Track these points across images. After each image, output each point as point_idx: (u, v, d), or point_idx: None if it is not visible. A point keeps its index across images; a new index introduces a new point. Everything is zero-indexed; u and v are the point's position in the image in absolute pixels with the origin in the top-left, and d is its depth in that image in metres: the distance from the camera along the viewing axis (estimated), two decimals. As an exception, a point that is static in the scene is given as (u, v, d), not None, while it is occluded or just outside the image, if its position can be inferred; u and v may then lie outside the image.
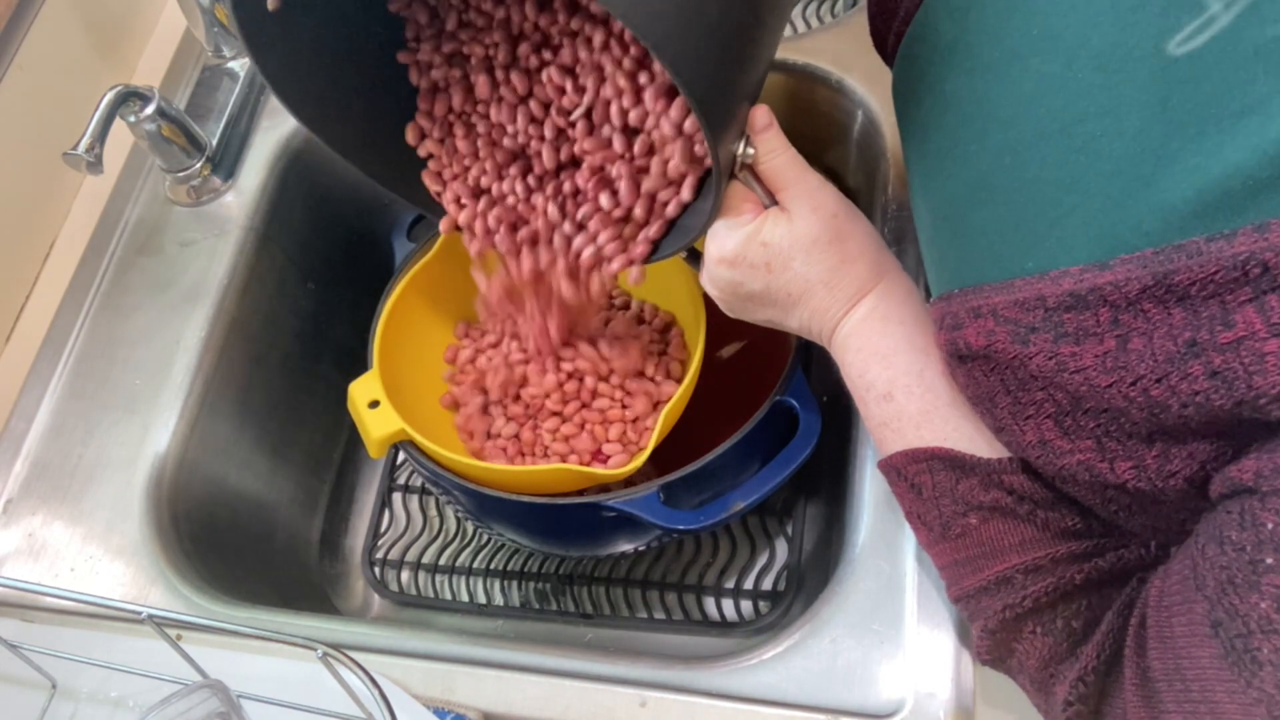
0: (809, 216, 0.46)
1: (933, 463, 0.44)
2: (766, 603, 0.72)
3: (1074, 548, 0.41)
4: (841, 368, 0.49)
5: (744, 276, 0.48)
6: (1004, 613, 0.42)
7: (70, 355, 0.69)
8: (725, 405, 0.68)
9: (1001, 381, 0.39)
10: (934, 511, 0.45)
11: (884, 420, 0.47)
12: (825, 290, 0.47)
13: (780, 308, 0.49)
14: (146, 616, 0.46)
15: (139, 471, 0.64)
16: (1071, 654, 0.40)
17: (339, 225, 0.83)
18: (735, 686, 0.51)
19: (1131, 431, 0.35)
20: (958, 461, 0.44)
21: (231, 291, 0.71)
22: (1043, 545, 0.42)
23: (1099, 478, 0.37)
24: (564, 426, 0.63)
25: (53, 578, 0.61)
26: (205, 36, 0.77)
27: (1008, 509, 0.42)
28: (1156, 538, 0.41)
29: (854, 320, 0.48)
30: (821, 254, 0.47)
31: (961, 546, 0.44)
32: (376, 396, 0.62)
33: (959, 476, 0.44)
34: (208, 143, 0.74)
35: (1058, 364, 0.35)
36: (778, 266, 0.47)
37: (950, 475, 0.44)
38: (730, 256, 0.47)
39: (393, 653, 0.55)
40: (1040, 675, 0.41)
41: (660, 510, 0.58)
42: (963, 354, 0.40)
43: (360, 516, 0.82)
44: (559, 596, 0.75)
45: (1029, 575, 0.41)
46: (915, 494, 0.45)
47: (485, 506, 0.64)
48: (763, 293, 0.48)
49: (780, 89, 0.72)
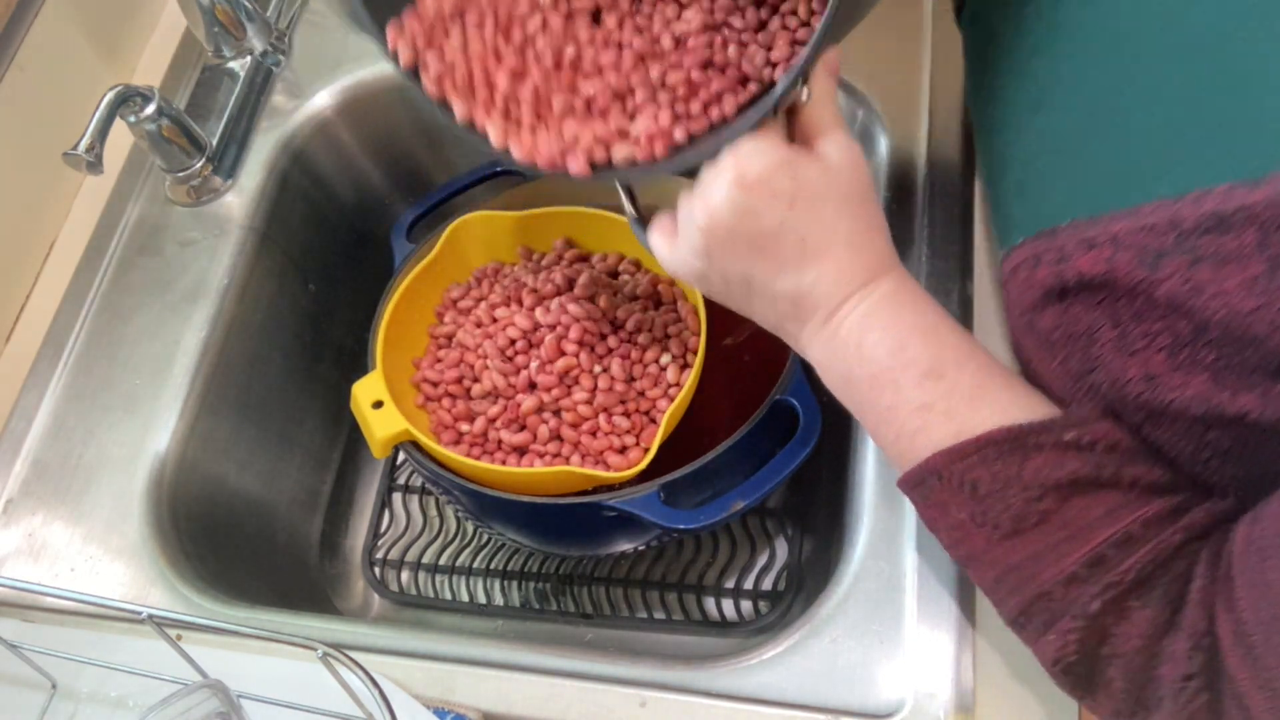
0: (847, 169, 0.42)
1: (986, 451, 0.39)
2: (766, 603, 0.72)
3: (1163, 506, 0.37)
4: (853, 351, 0.43)
5: (762, 205, 0.41)
6: (1104, 594, 0.37)
7: (70, 355, 0.69)
8: (725, 405, 0.68)
9: (1111, 313, 0.36)
10: (1000, 506, 0.39)
11: (927, 403, 0.41)
12: (848, 251, 0.42)
13: (779, 262, 0.42)
14: (146, 616, 0.46)
15: (139, 471, 0.64)
16: (1172, 624, 0.36)
17: (339, 225, 0.83)
18: (735, 686, 0.51)
19: (1258, 364, 0.33)
20: (1021, 438, 0.39)
21: (231, 291, 0.71)
22: (1131, 508, 0.37)
23: (1215, 410, 0.34)
24: (564, 427, 0.63)
25: (53, 578, 0.61)
26: (205, 36, 0.77)
27: (1088, 478, 0.38)
28: (1237, 490, 0.38)
29: (879, 294, 0.43)
30: (854, 210, 0.42)
31: (1038, 537, 0.38)
32: (380, 397, 0.63)
33: (1024, 457, 0.39)
34: (208, 143, 0.74)
35: (1193, 289, 0.33)
36: (803, 204, 0.41)
37: (1013, 459, 0.39)
38: (753, 178, 0.41)
39: (393, 653, 0.55)
40: (1140, 659, 0.37)
41: (660, 510, 0.58)
42: (1066, 287, 0.38)
43: (360, 516, 0.82)
44: (559, 596, 0.75)
45: (1122, 547, 0.37)
46: (970, 493, 0.40)
47: (485, 506, 0.64)
48: (773, 232, 0.41)
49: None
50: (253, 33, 0.78)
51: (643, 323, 0.65)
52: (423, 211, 0.77)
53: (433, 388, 0.66)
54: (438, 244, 0.69)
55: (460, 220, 0.70)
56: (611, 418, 0.63)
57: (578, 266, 0.69)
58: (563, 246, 0.71)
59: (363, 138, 0.81)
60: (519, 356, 0.65)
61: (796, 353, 0.60)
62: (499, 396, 0.65)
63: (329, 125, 0.78)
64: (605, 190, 0.75)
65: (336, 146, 0.80)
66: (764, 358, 0.69)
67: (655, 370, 0.64)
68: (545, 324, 0.64)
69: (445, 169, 0.83)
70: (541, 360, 0.63)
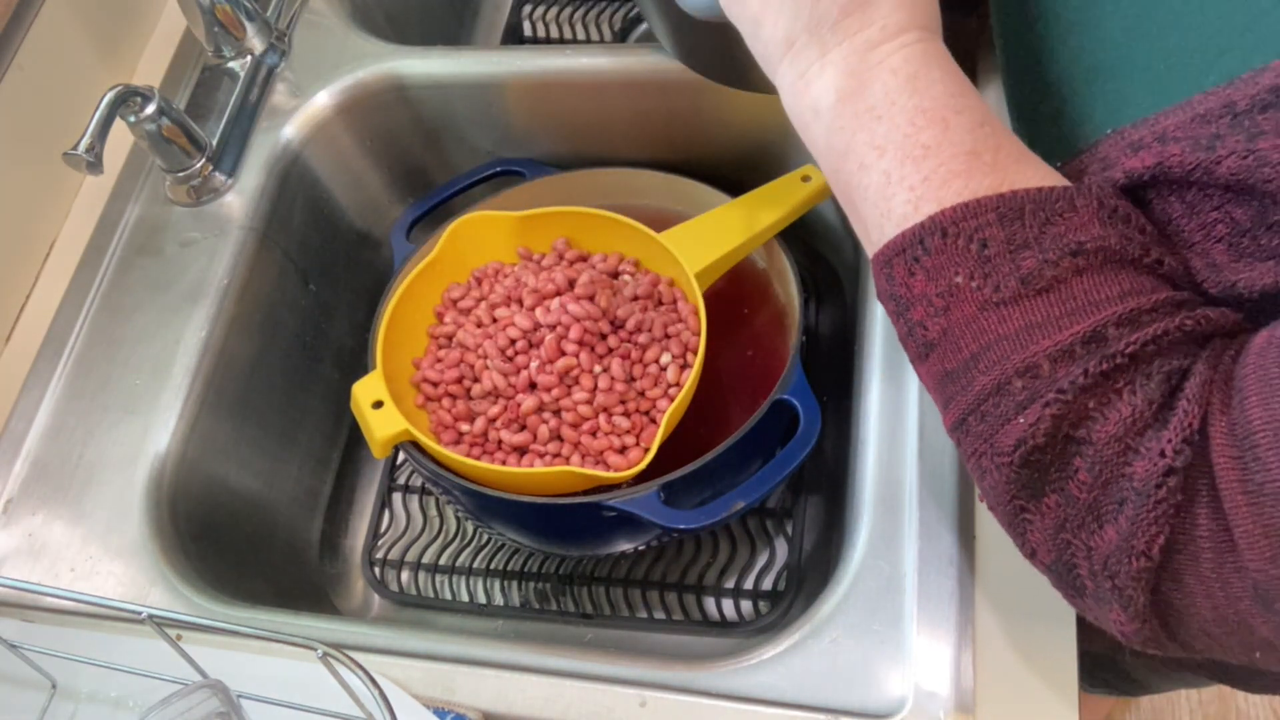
0: None
1: (1006, 208, 0.35)
2: (766, 603, 0.72)
3: (1178, 296, 0.35)
4: (903, 80, 0.38)
5: None
6: (1095, 368, 0.33)
7: (70, 355, 0.69)
8: (725, 405, 0.68)
9: (1163, 210, 0.35)
10: (1007, 268, 0.35)
11: (975, 150, 0.37)
12: None
13: None
14: (146, 616, 0.46)
15: (139, 471, 0.64)
16: (1158, 419, 0.33)
17: (339, 225, 0.83)
18: (735, 686, 0.51)
19: None
20: (1048, 200, 0.35)
21: (231, 291, 0.71)
22: (1146, 293, 0.34)
23: None
24: (564, 427, 0.63)
25: (53, 578, 0.61)
26: (205, 36, 0.77)
27: (1110, 251, 0.35)
28: None
29: (938, 44, 0.39)
30: None
31: (1041, 305, 0.35)
32: (380, 397, 0.63)
33: (1047, 219, 0.35)
34: (208, 143, 0.74)
35: (1256, 160, 0.32)
36: None
37: (1037, 218, 0.35)
38: None
39: (393, 653, 0.55)
40: (1114, 449, 0.33)
41: (660, 510, 0.58)
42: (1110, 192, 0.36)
43: (360, 516, 0.82)
44: (559, 596, 0.75)
45: (1125, 327, 0.34)
46: (977, 253, 0.36)
47: (485, 506, 0.64)
48: None
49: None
50: (253, 33, 0.78)
51: (643, 323, 0.65)
52: (423, 211, 0.77)
53: (433, 388, 0.66)
54: (438, 244, 0.69)
55: (460, 220, 0.70)
56: (612, 418, 0.63)
57: (578, 266, 0.69)
58: (563, 246, 0.71)
59: (363, 138, 0.81)
60: (519, 356, 0.65)
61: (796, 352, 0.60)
62: (499, 396, 0.65)
63: (329, 125, 0.78)
64: (604, 191, 0.75)
65: (336, 146, 0.80)
66: (764, 357, 0.70)
67: (655, 370, 0.64)
68: (546, 324, 0.64)
69: (445, 169, 0.84)
70: (542, 360, 0.63)
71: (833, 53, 0.39)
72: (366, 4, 0.87)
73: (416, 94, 0.79)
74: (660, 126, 0.77)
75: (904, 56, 0.38)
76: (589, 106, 0.77)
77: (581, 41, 0.96)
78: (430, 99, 0.79)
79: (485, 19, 1.01)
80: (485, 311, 0.68)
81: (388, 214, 0.86)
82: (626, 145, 0.79)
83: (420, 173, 0.85)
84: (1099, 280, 0.34)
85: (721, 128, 0.76)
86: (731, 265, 0.68)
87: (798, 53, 0.40)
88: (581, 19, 0.97)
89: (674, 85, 0.73)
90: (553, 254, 0.71)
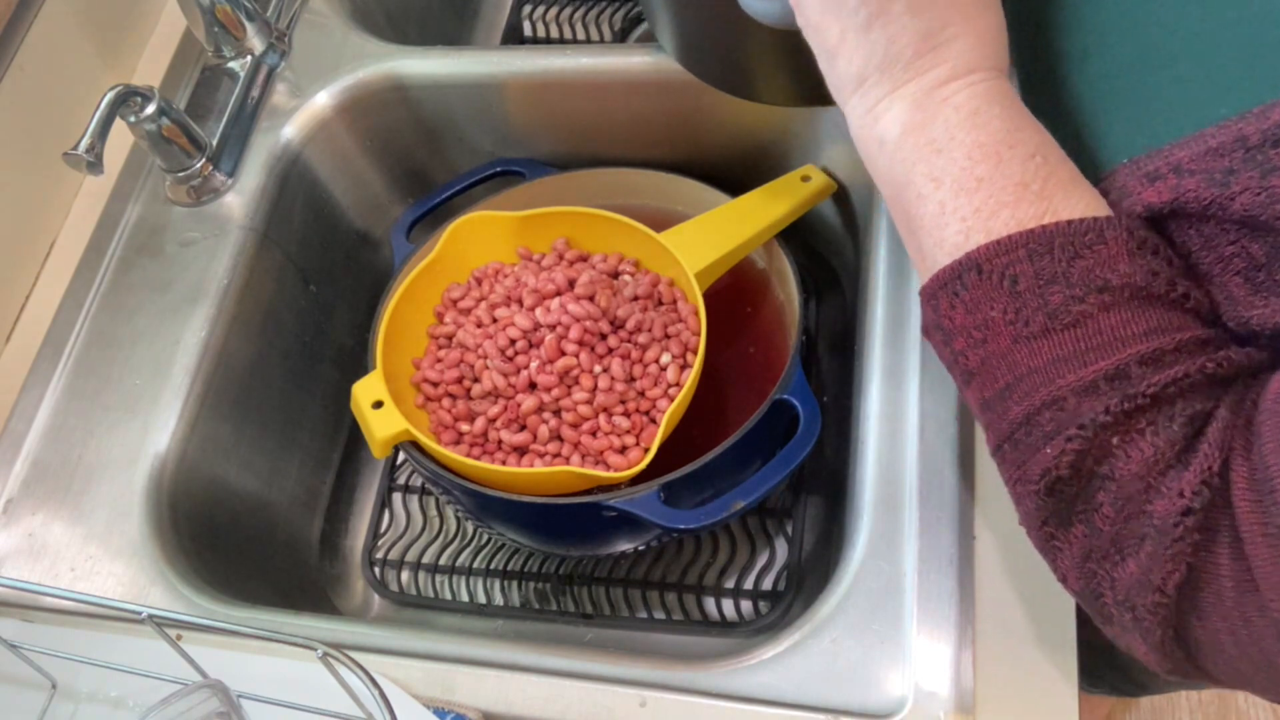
0: None
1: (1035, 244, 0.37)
2: (766, 603, 0.72)
3: (1204, 334, 0.36)
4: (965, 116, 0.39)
5: None
6: (1117, 407, 0.34)
7: (70, 355, 0.69)
8: (725, 404, 0.68)
9: (1180, 244, 0.36)
10: (1035, 302, 0.36)
11: (1025, 180, 0.38)
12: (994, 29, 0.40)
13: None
14: (146, 616, 0.46)
15: (139, 471, 0.64)
16: (1180, 461, 0.34)
17: (339, 225, 0.83)
18: (735, 686, 0.51)
19: None
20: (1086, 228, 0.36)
21: (231, 291, 0.71)
22: (1171, 332, 0.35)
23: None
24: (564, 427, 0.63)
25: (53, 578, 0.61)
26: (205, 36, 0.77)
27: (1137, 288, 0.36)
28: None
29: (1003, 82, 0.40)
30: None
31: (1068, 340, 0.36)
32: (380, 397, 0.63)
33: (1079, 250, 0.36)
34: (208, 143, 0.74)
35: (1269, 196, 0.32)
36: None
37: (1066, 252, 0.36)
38: None
39: (393, 653, 0.55)
40: (1137, 486, 0.34)
41: (661, 510, 0.58)
42: None
43: (360, 516, 0.82)
44: (559, 596, 0.75)
45: (1149, 365, 0.35)
46: (1010, 288, 0.37)
47: (485, 506, 0.64)
48: None
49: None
50: (253, 33, 0.78)
51: (643, 323, 0.65)
52: (423, 211, 0.77)
53: (433, 388, 0.66)
54: (438, 244, 0.69)
55: (460, 220, 0.70)
56: (612, 418, 0.63)
57: (578, 266, 0.69)
58: (563, 246, 0.71)
59: (363, 138, 0.81)
60: (519, 356, 0.65)
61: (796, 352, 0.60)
62: (499, 396, 0.65)
63: (329, 125, 0.78)
64: (604, 191, 0.75)
65: (336, 146, 0.80)
66: (764, 357, 0.70)
67: (655, 370, 0.64)
68: (546, 324, 0.64)
69: (445, 169, 0.84)
70: (542, 360, 0.63)
71: (902, 89, 0.40)
72: (366, 4, 0.87)
73: (416, 94, 0.79)
74: (660, 126, 0.77)
75: (969, 94, 0.39)
76: (589, 106, 0.77)
77: (581, 41, 0.96)
78: (430, 99, 0.79)
79: (485, 19, 1.01)
80: (485, 311, 0.68)
81: (388, 214, 0.86)
82: (626, 145, 0.79)
83: (420, 173, 0.85)
84: (1125, 317, 0.35)
85: (721, 128, 0.76)
86: (732, 265, 0.69)
87: (869, 88, 0.41)
88: (581, 19, 0.97)
89: (674, 85, 0.73)
90: (552, 254, 0.71)
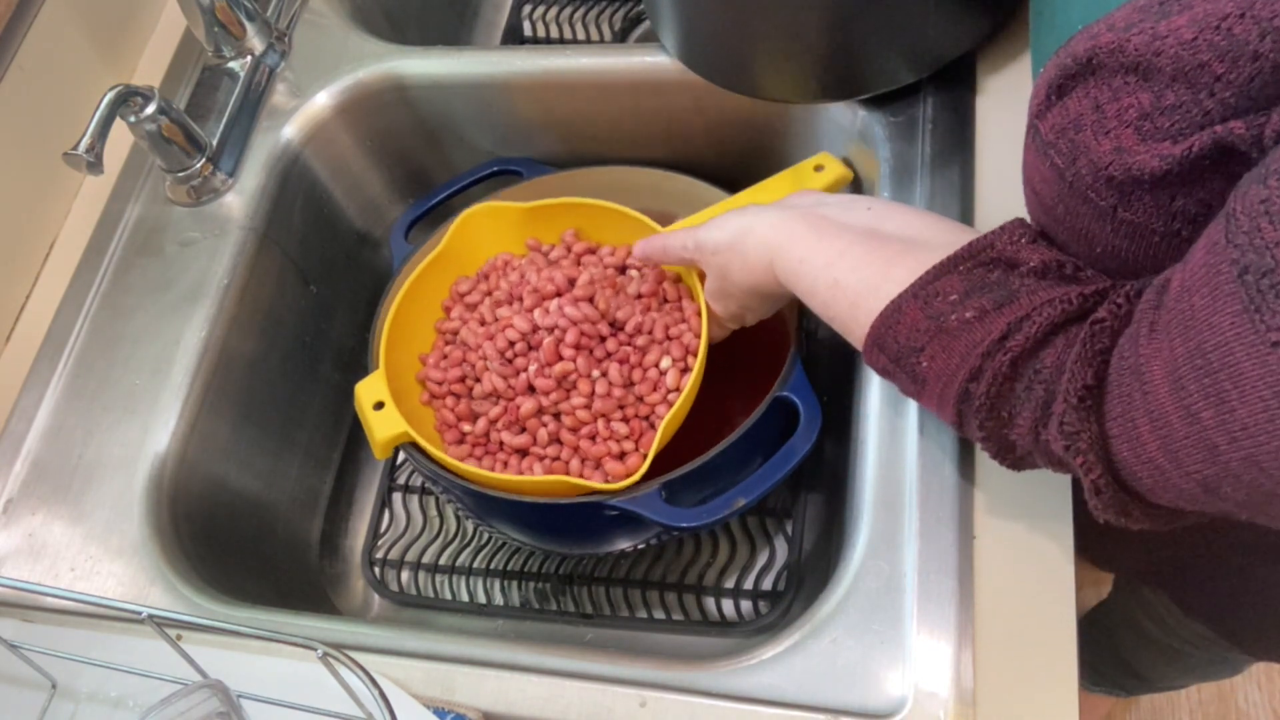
0: None
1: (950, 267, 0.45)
2: (766, 603, 0.72)
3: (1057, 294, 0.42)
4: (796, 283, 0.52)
5: None
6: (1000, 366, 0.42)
7: (70, 355, 0.69)
8: (726, 402, 0.68)
9: (1094, 98, 0.39)
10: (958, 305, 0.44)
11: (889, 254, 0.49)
12: None
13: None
14: (146, 616, 0.46)
15: (139, 471, 0.64)
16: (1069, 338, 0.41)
17: (339, 225, 0.83)
18: (735, 686, 0.51)
19: (1206, 112, 0.35)
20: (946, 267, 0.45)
21: (231, 291, 0.71)
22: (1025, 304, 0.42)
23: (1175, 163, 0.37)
24: (563, 431, 0.63)
25: (53, 578, 0.61)
26: (205, 36, 0.77)
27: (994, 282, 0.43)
28: None
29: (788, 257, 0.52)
30: None
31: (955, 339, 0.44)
32: (381, 398, 0.62)
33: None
34: (208, 143, 0.74)
35: (1153, 37, 0.36)
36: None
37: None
38: None
39: (393, 653, 0.55)
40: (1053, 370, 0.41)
41: (663, 508, 0.58)
42: (1065, 79, 0.41)
43: (360, 516, 0.82)
44: (559, 596, 0.75)
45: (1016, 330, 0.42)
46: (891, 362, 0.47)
47: (486, 505, 0.64)
48: None
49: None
50: (253, 33, 0.78)
51: (643, 325, 0.65)
52: (422, 212, 0.77)
53: (437, 386, 0.66)
54: (445, 235, 0.69)
55: (469, 211, 0.70)
56: (610, 423, 0.63)
57: (586, 260, 0.69)
58: (571, 238, 0.71)
59: (362, 137, 0.81)
60: (518, 359, 0.65)
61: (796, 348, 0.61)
62: (499, 398, 0.65)
63: (329, 125, 0.78)
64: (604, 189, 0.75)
65: (336, 146, 0.80)
66: (765, 355, 0.70)
67: (655, 375, 0.64)
68: (544, 326, 0.64)
69: (445, 169, 0.83)
70: (540, 363, 0.63)
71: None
72: (366, 4, 0.87)
73: (416, 94, 0.79)
74: (659, 126, 0.77)
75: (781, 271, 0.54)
76: (589, 106, 0.77)
77: (581, 41, 0.96)
78: (430, 99, 0.79)
79: (485, 19, 1.01)
80: (489, 309, 0.68)
81: (388, 214, 0.86)
82: (626, 145, 0.79)
83: (420, 173, 0.85)
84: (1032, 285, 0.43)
85: (721, 127, 0.76)
86: None
87: None
88: (581, 19, 0.97)
89: (674, 85, 0.73)
90: (561, 246, 0.71)
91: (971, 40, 0.65)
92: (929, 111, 0.66)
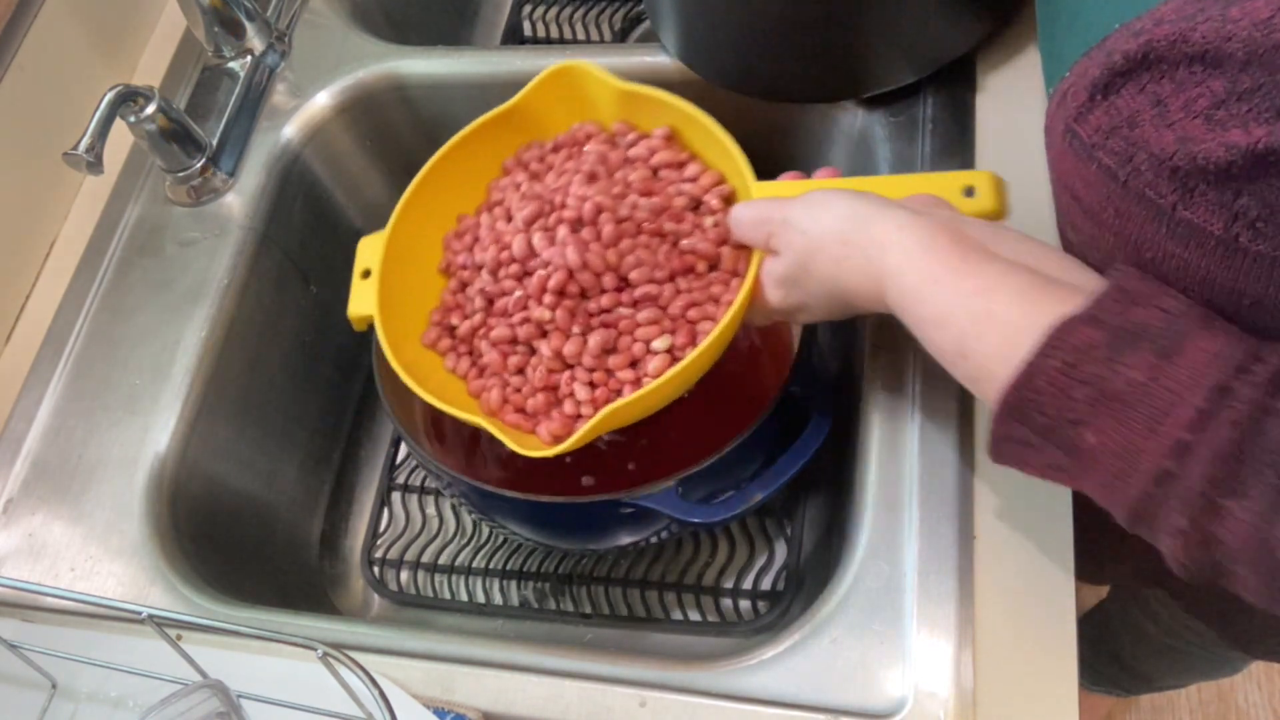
0: None
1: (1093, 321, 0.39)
2: (766, 603, 0.72)
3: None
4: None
5: None
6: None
7: (70, 355, 0.69)
8: (727, 401, 0.68)
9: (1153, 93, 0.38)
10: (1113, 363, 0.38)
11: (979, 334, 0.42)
12: None
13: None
14: (146, 616, 0.46)
15: (139, 471, 0.64)
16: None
17: (339, 225, 0.83)
18: (735, 686, 0.51)
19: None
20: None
21: (231, 291, 0.71)
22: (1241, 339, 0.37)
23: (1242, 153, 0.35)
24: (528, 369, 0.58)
25: (53, 578, 0.61)
26: (205, 36, 0.77)
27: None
28: None
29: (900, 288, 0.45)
30: None
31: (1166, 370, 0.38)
32: (372, 265, 0.59)
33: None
34: (208, 143, 0.74)
35: (1225, 23, 0.34)
36: None
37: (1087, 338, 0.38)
38: None
39: (393, 653, 0.55)
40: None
41: (680, 505, 0.57)
42: (1112, 78, 0.39)
43: (360, 516, 0.82)
44: (559, 596, 0.75)
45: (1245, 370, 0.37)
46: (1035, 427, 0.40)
47: (489, 501, 0.64)
48: None
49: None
50: (253, 33, 0.78)
51: (656, 295, 0.56)
52: (422, 211, 0.76)
53: (454, 256, 0.63)
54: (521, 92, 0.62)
55: (556, 68, 0.61)
56: (575, 381, 0.56)
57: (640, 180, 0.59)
58: (660, 143, 0.61)
59: (362, 137, 0.81)
60: (506, 281, 0.58)
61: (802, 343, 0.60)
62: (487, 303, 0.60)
63: (329, 125, 0.78)
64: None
65: (336, 146, 0.80)
66: (769, 351, 0.70)
67: (640, 350, 0.56)
68: (541, 255, 0.56)
69: (445, 169, 0.83)
70: (525, 294, 0.57)
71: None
72: (366, 4, 0.87)
73: (416, 94, 0.79)
74: (660, 126, 0.77)
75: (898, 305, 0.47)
76: (589, 106, 0.77)
77: (582, 41, 0.96)
78: (430, 99, 0.79)
79: (485, 19, 1.01)
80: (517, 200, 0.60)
81: (388, 214, 0.86)
82: (626, 145, 0.79)
83: (420, 173, 0.85)
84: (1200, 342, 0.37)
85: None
86: None
87: None
88: (581, 19, 0.97)
89: (674, 85, 0.73)
90: (645, 145, 0.61)
91: (971, 40, 0.65)
92: (929, 111, 0.66)
